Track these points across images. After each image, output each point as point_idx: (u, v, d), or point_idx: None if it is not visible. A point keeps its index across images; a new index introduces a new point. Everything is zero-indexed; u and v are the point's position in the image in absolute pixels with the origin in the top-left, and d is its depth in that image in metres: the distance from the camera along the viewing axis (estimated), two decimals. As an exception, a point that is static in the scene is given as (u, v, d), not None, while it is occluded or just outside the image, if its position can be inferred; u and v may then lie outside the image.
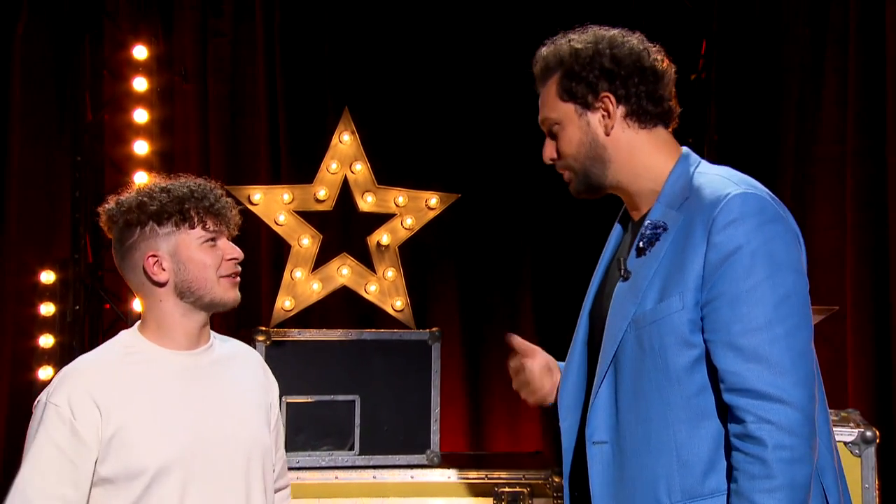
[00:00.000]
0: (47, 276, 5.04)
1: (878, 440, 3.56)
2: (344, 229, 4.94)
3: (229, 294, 2.34)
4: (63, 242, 5.16)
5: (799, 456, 1.92)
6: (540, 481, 4.13)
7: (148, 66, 5.21)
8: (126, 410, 2.21)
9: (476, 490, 4.11)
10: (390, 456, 4.19)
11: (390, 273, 4.58)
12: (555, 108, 2.23)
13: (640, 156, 2.19)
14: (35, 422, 2.22)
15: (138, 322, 2.38)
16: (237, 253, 2.35)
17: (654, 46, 2.23)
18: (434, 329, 4.32)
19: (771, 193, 2.08)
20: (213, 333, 2.44)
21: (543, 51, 2.29)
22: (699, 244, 2.01)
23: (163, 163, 5.18)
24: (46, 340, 5.00)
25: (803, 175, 4.86)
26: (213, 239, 2.31)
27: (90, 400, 2.18)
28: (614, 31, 2.23)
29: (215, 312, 2.39)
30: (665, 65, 2.22)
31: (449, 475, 4.14)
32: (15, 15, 5.08)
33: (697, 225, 2.02)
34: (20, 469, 2.21)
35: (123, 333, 2.38)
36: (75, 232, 5.15)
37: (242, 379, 2.42)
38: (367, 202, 4.61)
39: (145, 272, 2.29)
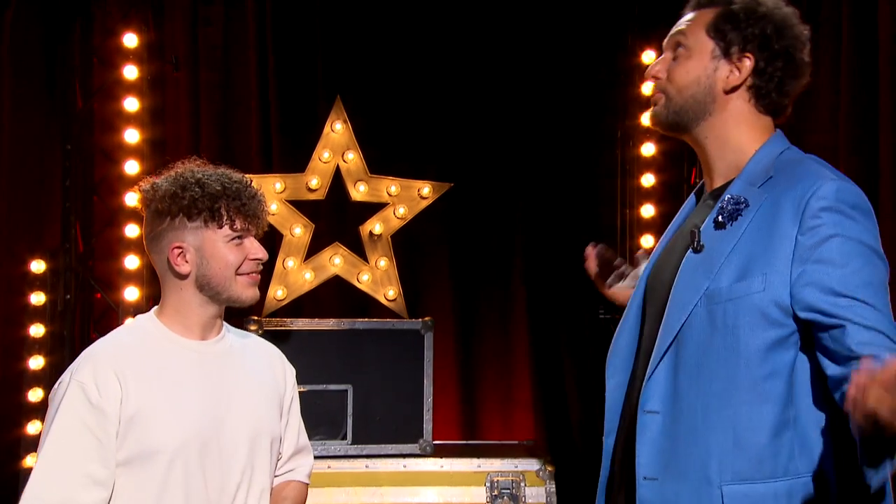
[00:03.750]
0: (38, 266, 5.02)
1: None
2: (336, 218, 4.95)
3: (247, 292, 2.35)
4: (53, 231, 5.14)
5: None
6: (533, 469, 4.14)
7: (138, 54, 5.18)
8: (143, 392, 2.24)
9: (469, 479, 4.14)
10: (383, 445, 4.22)
11: (383, 262, 4.59)
12: (696, 35, 2.14)
13: (737, 129, 2.14)
14: (56, 402, 2.23)
15: (155, 307, 2.41)
16: (261, 253, 2.36)
17: (807, 46, 2.16)
18: (427, 318, 4.34)
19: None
20: (227, 326, 2.47)
21: None
22: (788, 226, 1.96)
23: (154, 151, 5.13)
24: (37, 330, 4.98)
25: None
26: (239, 237, 2.32)
27: (114, 378, 2.22)
28: (792, 9, 2.15)
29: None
30: (808, 66, 2.15)
31: (441, 464, 4.16)
32: (4, 2, 5.05)
33: (786, 206, 1.98)
34: (41, 451, 2.21)
35: (140, 318, 2.41)
36: (66, 221, 5.14)
37: (253, 370, 2.45)
38: (359, 191, 4.61)
39: (169, 261, 2.31)
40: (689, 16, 2.18)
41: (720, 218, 2.06)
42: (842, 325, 1.89)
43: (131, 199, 5.00)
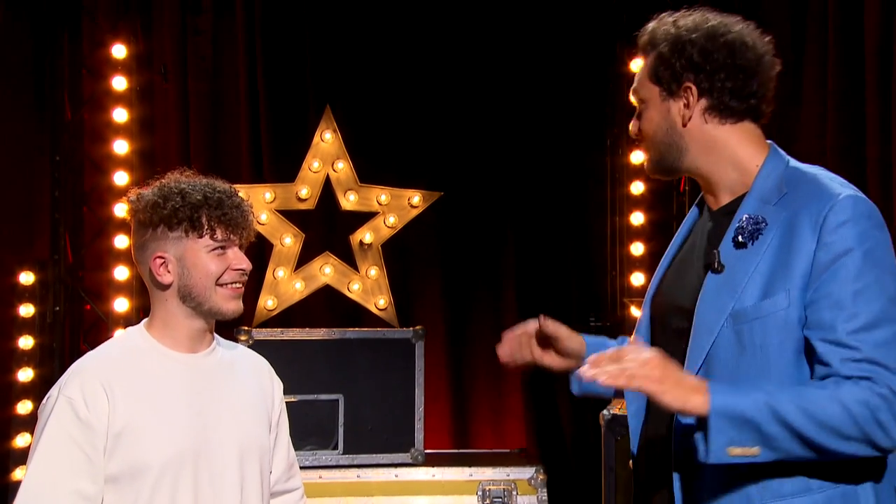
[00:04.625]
0: (26, 277, 5.02)
1: None
2: (326, 228, 4.96)
3: (229, 304, 2.33)
4: (43, 242, 5.16)
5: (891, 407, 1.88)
6: (525, 478, 4.15)
7: (127, 64, 5.20)
8: (131, 407, 2.23)
9: (461, 488, 4.15)
10: (374, 455, 4.23)
11: (373, 271, 4.59)
12: (644, 86, 2.20)
13: (722, 148, 2.15)
14: (45, 416, 2.22)
15: (145, 320, 2.40)
16: (244, 264, 2.34)
17: (765, 38, 2.19)
18: (417, 327, 4.35)
19: None
20: (218, 339, 2.46)
21: (650, 25, 2.23)
22: (807, 242, 1.98)
23: (143, 162, 5.14)
24: (26, 342, 4.99)
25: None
26: (221, 247, 2.31)
27: (102, 392, 2.21)
28: (718, 20, 2.17)
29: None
30: (763, 60, 2.16)
31: (433, 473, 4.17)
32: (-11, 14, 5.06)
33: (804, 222, 1.99)
34: (29, 467, 2.20)
35: (130, 330, 2.41)
36: (55, 232, 5.16)
37: (243, 383, 2.44)
38: (349, 201, 4.62)
39: (151, 271, 2.31)
40: (638, 66, 2.24)
41: (740, 238, 2.06)
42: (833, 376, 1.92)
43: (120, 209, 5.01)
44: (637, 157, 5.38)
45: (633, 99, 2.26)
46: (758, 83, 2.15)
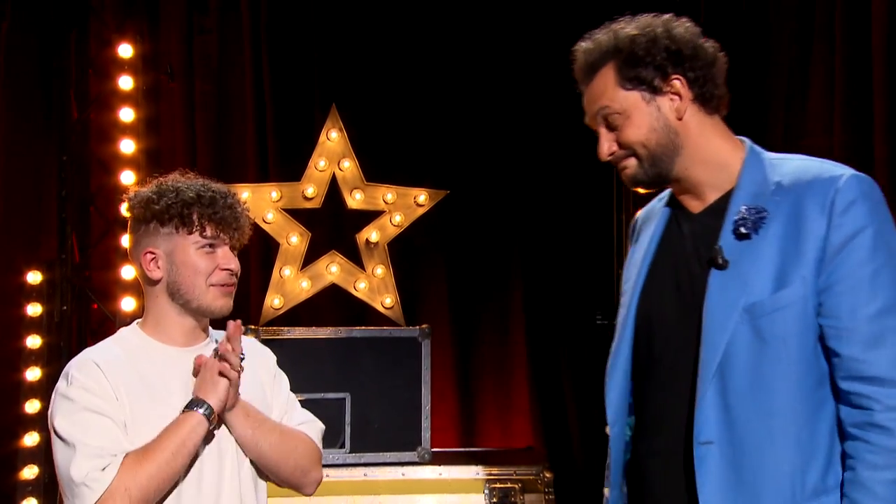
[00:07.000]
0: (34, 277, 5.05)
1: None
2: (333, 227, 4.98)
3: (217, 303, 2.35)
4: (50, 242, 5.18)
5: None
6: (531, 476, 4.18)
7: (133, 64, 5.21)
8: (133, 400, 2.25)
9: (467, 486, 4.16)
10: (381, 453, 4.24)
11: (379, 270, 4.60)
12: (615, 98, 2.11)
13: (709, 143, 2.12)
14: (57, 402, 2.25)
15: (139, 319, 2.43)
16: (232, 264, 2.36)
17: (698, 31, 2.16)
18: (424, 326, 4.36)
19: None
20: (213, 333, 2.47)
21: (586, 44, 2.18)
22: (816, 226, 1.96)
23: (149, 161, 5.15)
24: (34, 341, 5.02)
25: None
26: (210, 245, 2.33)
27: (105, 380, 2.24)
28: (663, 17, 2.14)
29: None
30: (715, 51, 2.14)
31: (440, 472, 4.19)
32: (-1, 13, 5.08)
33: (810, 207, 1.97)
34: (57, 448, 2.21)
35: (123, 330, 2.42)
36: (62, 232, 5.18)
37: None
38: (355, 199, 4.63)
39: (142, 267, 2.35)
40: (590, 93, 2.17)
41: (742, 229, 2.02)
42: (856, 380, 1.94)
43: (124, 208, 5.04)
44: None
45: (594, 120, 2.18)
46: (719, 70, 2.13)
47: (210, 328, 2.47)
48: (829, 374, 1.98)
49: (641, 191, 2.19)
